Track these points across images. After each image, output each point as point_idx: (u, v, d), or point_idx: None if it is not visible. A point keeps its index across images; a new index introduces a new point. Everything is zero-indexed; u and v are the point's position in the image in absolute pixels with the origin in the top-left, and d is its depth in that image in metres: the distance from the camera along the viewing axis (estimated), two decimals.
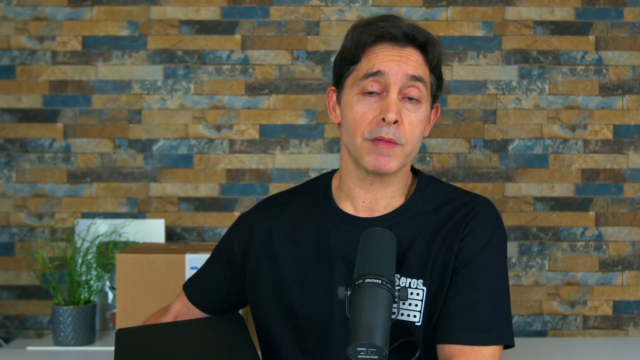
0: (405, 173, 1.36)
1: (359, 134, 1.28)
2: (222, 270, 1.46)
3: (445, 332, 1.25)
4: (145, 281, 1.85)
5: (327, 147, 2.28)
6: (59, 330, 2.03)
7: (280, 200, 1.45)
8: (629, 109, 2.27)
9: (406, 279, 1.28)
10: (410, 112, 1.28)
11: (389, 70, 1.27)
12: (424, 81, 1.28)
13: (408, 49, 1.30)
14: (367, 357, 1.08)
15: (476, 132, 2.27)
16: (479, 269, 1.27)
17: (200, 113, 2.28)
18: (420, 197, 1.35)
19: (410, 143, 1.28)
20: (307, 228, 1.36)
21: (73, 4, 2.28)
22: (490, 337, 1.24)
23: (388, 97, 1.26)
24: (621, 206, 2.26)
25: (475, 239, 1.28)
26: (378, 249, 1.19)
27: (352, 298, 1.13)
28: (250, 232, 1.42)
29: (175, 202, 2.28)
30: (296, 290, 1.33)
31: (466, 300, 1.25)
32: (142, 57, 2.28)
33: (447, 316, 1.25)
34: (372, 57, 1.29)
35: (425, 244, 1.29)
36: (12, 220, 2.28)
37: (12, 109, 2.29)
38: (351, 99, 1.30)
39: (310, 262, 1.33)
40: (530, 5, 2.27)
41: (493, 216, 1.32)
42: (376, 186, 1.33)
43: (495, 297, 1.27)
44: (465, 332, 1.24)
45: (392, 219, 1.32)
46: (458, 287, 1.26)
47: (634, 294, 2.26)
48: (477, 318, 1.24)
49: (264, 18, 2.28)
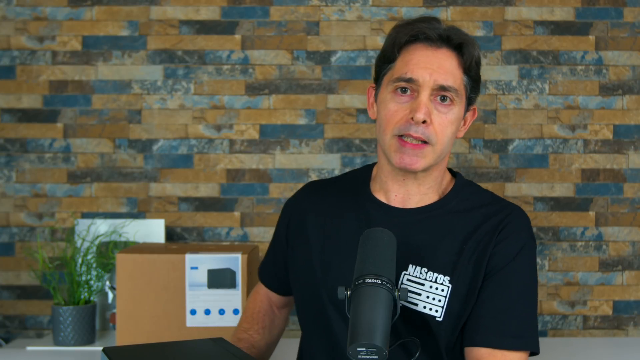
0: (440, 172, 1.39)
1: (389, 130, 1.32)
2: (281, 250, 1.52)
3: (474, 335, 1.28)
4: (145, 281, 1.85)
5: (327, 147, 2.28)
6: (59, 330, 2.03)
7: (321, 186, 1.51)
8: (629, 109, 2.27)
9: (433, 274, 1.30)
10: (441, 113, 1.31)
11: (419, 77, 1.30)
12: (454, 89, 1.31)
13: (443, 50, 1.32)
14: (367, 357, 1.08)
15: (476, 132, 2.27)
16: (512, 275, 1.30)
17: (200, 113, 2.28)
18: (455, 197, 1.38)
19: (440, 143, 1.31)
20: (342, 215, 1.40)
21: (73, 4, 2.28)
22: (519, 342, 1.27)
23: (419, 98, 1.30)
24: (621, 206, 2.26)
25: (509, 245, 1.31)
26: (378, 249, 1.19)
27: (352, 298, 1.14)
28: (290, 214, 1.49)
29: (175, 202, 2.28)
30: (323, 275, 1.36)
31: (497, 306, 1.28)
32: (142, 57, 2.28)
33: (477, 320, 1.28)
34: (407, 58, 1.32)
35: (457, 243, 1.32)
36: (12, 220, 2.28)
37: (12, 109, 2.29)
38: (385, 96, 1.34)
39: (340, 247, 1.37)
40: (530, 5, 2.27)
41: (526, 225, 1.36)
42: (409, 182, 1.36)
43: (525, 304, 1.30)
44: (495, 337, 1.27)
45: (425, 212, 1.36)
46: (490, 292, 1.29)
47: (634, 294, 2.26)
48: (507, 323, 1.27)
49: (264, 18, 2.28)
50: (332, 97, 2.28)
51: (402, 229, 1.32)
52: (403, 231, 1.32)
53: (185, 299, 1.85)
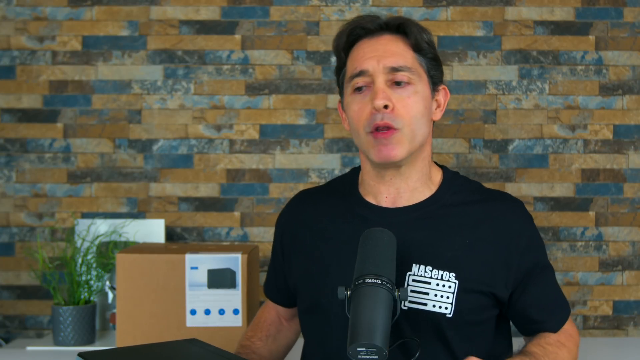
0: (425, 162, 1.37)
1: (360, 129, 1.32)
2: (279, 264, 1.51)
3: (544, 324, 1.37)
4: (145, 281, 1.85)
5: (327, 147, 2.28)
6: (59, 330, 2.03)
7: (309, 195, 1.50)
8: (629, 109, 2.27)
9: (438, 271, 1.30)
10: (401, 95, 1.31)
11: (369, 67, 1.31)
12: (407, 68, 1.31)
13: (385, 36, 1.34)
14: (367, 357, 1.08)
15: (476, 132, 2.27)
16: (541, 261, 1.37)
17: (200, 113, 2.28)
18: (447, 191, 1.38)
19: (408, 125, 1.30)
20: (334, 221, 1.39)
21: (73, 4, 2.28)
22: (568, 309, 1.40)
23: (374, 87, 1.30)
24: (621, 206, 2.26)
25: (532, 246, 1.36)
26: (378, 249, 1.19)
27: (352, 298, 1.14)
28: (283, 227, 1.49)
29: (175, 202, 2.28)
30: (322, 282, 1.35)
31: (547, 293, 1.38)
32: (142, 57, 2.28)
33: (540, 311, 1.37)
34: (353, 56, 1.35)
35: (459, 237, 1.32)
36: (12, 220, 2.28)
37: (12, 109, 2.29)
38: (347, 100, 1.35)
39: (336, 253, 1.35)
40: (530, 5, 2.27)
41: (526, 213, 1.40)
42: (397, 180, 1.35)
43: (553, 275, 1.41)
44: (560, 316, 1.38)
45: (419, 209, 1.35)
46: (537, 285, 1.36)
47: (634, 294, 2.26)
48: (560, 300, 1.39)
49: (264, 18, 2.28)
50: (332, 97, 2.27)
51: (399, 229, 1.30)
52: (400, 231, 1.30)
53: (185, 299, 1.85)
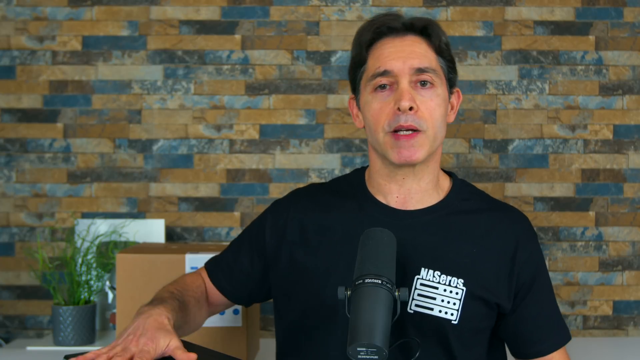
0: (436, 164, 1.38)
1: (380, 128, 1.30)
2: (251, 257, 1.45)
3: (541, 345, 1.36)
4: (145, 281, 1.85)
5: (327, 147, 2.28)
6: (59, 330, 2.03)
7: (313, 192, 1.47)
8: (629, 109, 2.27)
9: (447, 277, 1.30)
10: (425, 97, 1.30)
11: (394, 67, 1.30)
12: (432, 70, 1.31)
13: (409, 37, 1.33)
14: (367, 357, 1.08)
15: (476, 132, 2.27)
16: (543, 277, 1.38)
17: (200, 113, 2.28)
18: (456, 197, 1.38)
19: (431, 128, 1.30)
20: (343, 219, 1.37)
21: (73, 4, 2.28)
22: (568, 332, 1.39)
23: (399, 87, 1.29)
24: (621, 206, 2.26)
25: (533, 261, 1.36)
26: (378, 249, 1.19)
27: (352, 298, 1.14)
28: (285, 219, 1.42)
29: (175, 202, 2.28)
30: (328, 281, 1.33)
31: (547, 312, 1.37)
32: (142, 57, 2.28)
33: (536, 330, 1.35)
34: (377, 54, 1.33)
35: (468, 245, 1.33)
36: (12, 220, 2.28)
37: (12, 109, 2.29)
38: (367, 98, 1.33)
39: (344, 252, 1.33)
40: (530, 5, 2.27)
41: (532, 229, 1.41)
42: (409, 180, 1.35)
43: (553, 296, 1.41)
44: (557, 337, 1.37)
45: (430, 213, 1.35)
46: (536, 302, 1.35)
47: (634, 294, 2.26)
48: (558, 321, 1.38)
49: (264, 18, 2.28)
50: (332, 97, 2.28)
51: (409, 232, 1.31)
52: (411, 234, 1.31)
53: None
